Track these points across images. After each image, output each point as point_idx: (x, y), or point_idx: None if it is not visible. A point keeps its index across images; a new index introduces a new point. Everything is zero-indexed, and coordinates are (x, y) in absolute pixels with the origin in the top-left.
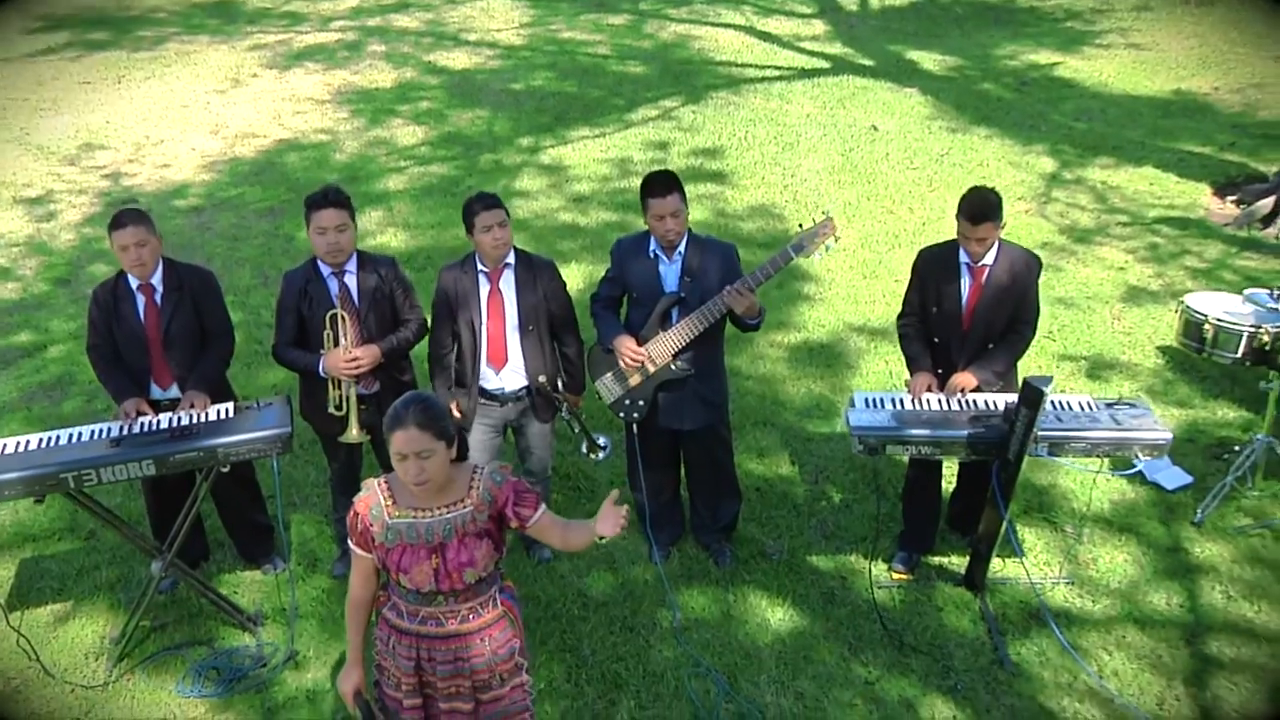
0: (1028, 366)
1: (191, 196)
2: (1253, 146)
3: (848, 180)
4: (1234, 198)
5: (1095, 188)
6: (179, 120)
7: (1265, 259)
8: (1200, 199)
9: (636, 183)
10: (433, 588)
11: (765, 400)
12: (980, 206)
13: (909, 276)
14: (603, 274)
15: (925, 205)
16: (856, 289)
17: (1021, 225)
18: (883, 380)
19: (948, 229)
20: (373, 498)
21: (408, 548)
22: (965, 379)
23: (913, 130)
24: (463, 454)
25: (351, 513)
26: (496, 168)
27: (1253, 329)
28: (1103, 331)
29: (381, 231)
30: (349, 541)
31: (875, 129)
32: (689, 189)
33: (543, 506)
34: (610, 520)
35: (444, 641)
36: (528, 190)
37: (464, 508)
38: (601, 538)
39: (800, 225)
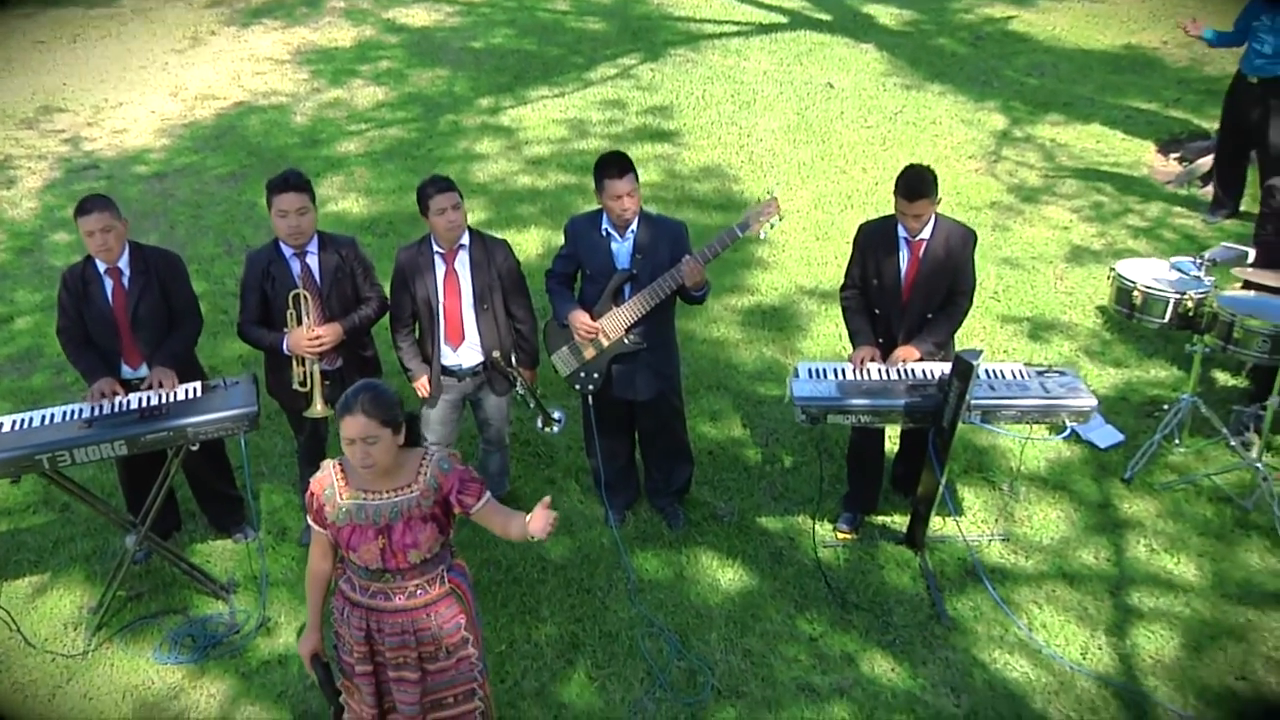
0: (973, 329)
1: (152, 162)
2: (1197, 103)
3: (802, 139)
4: (1176, 155)
5: (1044, 145)
6: (137, 81)
7: (1204, 217)
8: (1145, 156)
9: (593, 145)
10: (380, 566)
11: (718, 364)
12: (916, 184)
13: (850, 250)
14: (560, 241)
15: (878, 165)
16: (809, 251)
17: (971, 185)
18: (832, 343)
19: None
20: (327, 479)
21: (357, 527)
22: (908, 352)
23: (868, 87)
24: (415, 439)
25: (309, 493)
26: (455, 130)
27: (1178, 295)
28: (1046, 292)
29: (342, 197)
30: (308, 515)
31: (831, 86)
32: (645, 149)
33: (486, 495)
34: (540, 521)
35: (392, 615)
36: (486, 153)
37: (411, 492)
38: (533, 536)
39: (762, 196)
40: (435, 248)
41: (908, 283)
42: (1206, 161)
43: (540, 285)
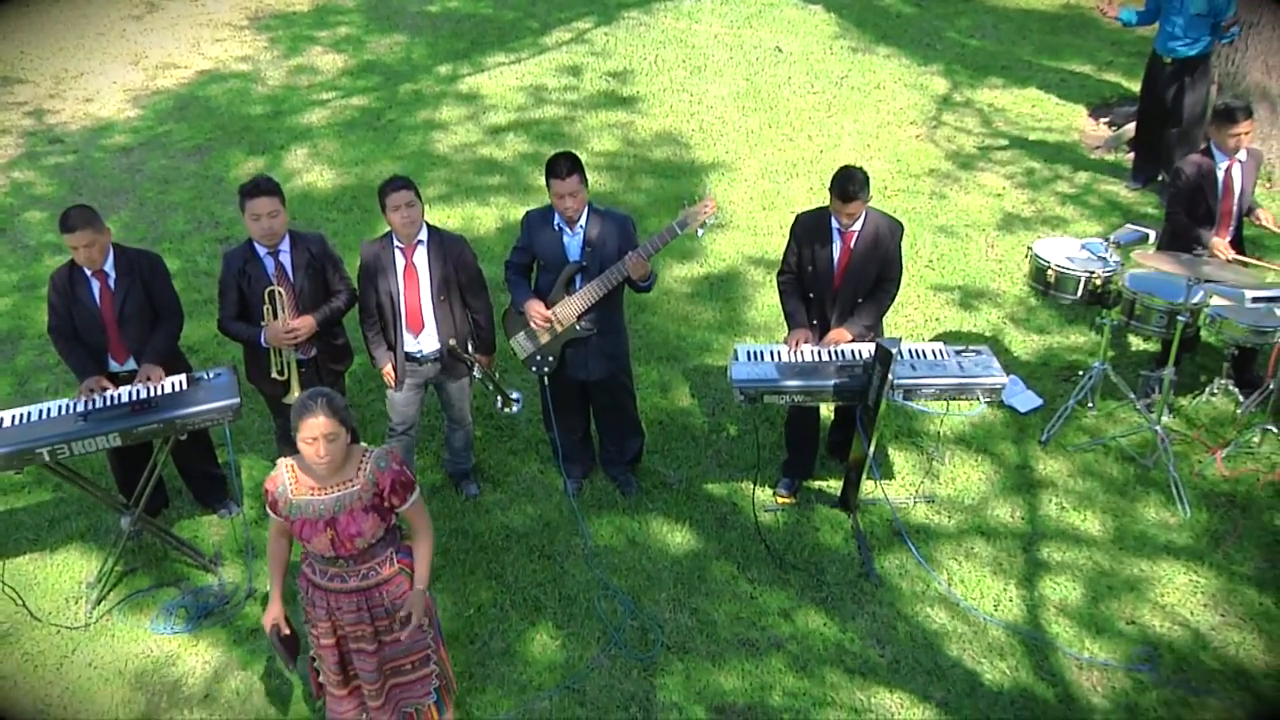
0: (907, 297)
1: (118, 135)
2: (1129, 65)
3: (751, 106)
4: (1106, 120)
5: (982, 110)
6: (96, 49)
7: (1127, 184)
8: (1076, 121)
9: (551, 113)
10: (331, 553)
11: (668, 335)
12: (850, 186)
13: (787, 239)
14: (517, 215)
15: (823, 132)
16: (755, 220)
17: (911, 152)
18: (775, 313)
19: (843, 157)
20: (280, 477)
21: (307, 521)
22: (840, 334)
23: (815, 51)
24: (355, 438)
25: (267, 484)
26: (416, 99)
27: (1088, 274)
28: (978, 260)
29: (307, 170)
30: (267, 507)
31: (779, 50)
32: (600, 117)
33: (413, 496)
34: (411, 604)
35: (348, 595)
36: (446, 122)
37: (352, 487)
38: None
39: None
40: (396, 242)
41: (840, 270)
42: (1132, 127)
43: (500, 258)
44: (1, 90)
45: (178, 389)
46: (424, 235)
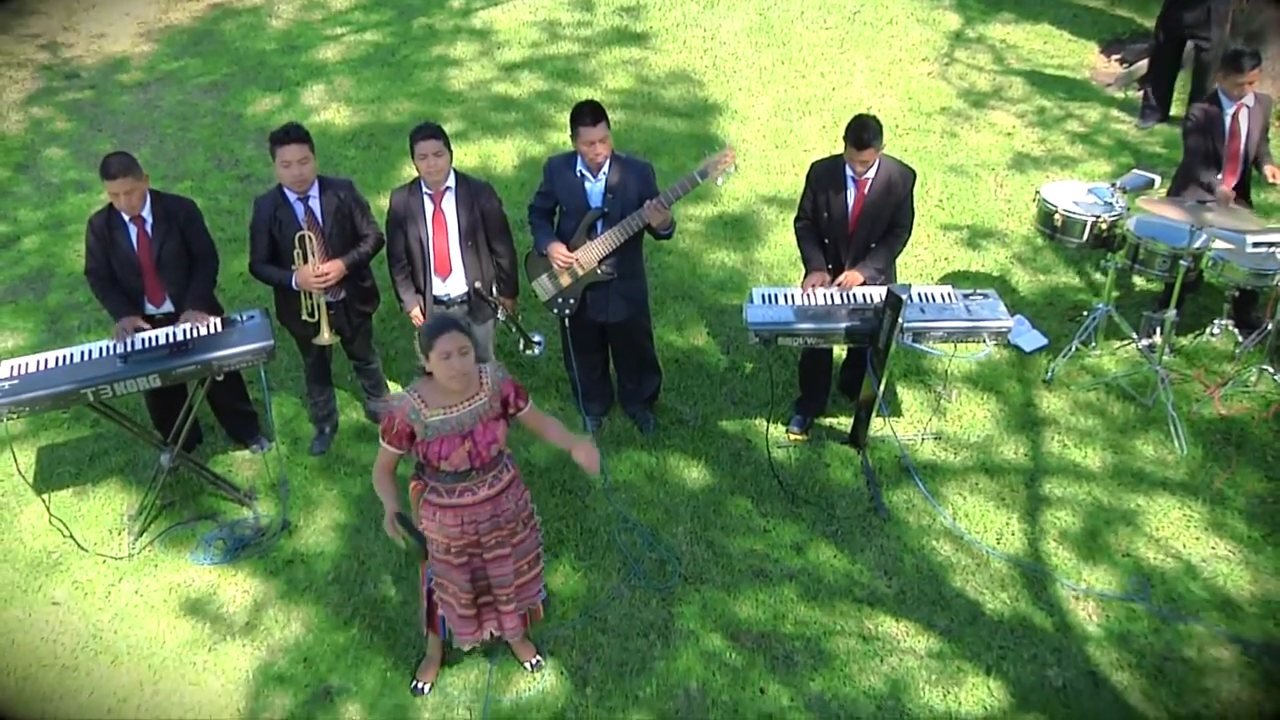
0: (918, 237)
1: (134, 71)
2: (1141, 1)
3: (764, 42)
4: (1118, 56)
5: (995, 47)
6: None
7: (1136, 123)
8: (1088, 58)
9: (565, 49)
10: (468, 466)
11: (684, 275)
12: (864, 134)
13: (804, 185)
14: (533, 151)
15: (835, 69)
16: (769, 159)
17: (923, 90)
18: (789, 251)
19: (855, 95)
20: (407, 405)
21: (445, 438)
22: (853, 277)
23: None
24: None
25: (388, 419)
26: (429, 34)
27: (1094, 219)
28: (987, 199)
29: (324, 108)
30: (382, 440)
31: None
32: (614, 54)
33: (530, 401)
34: (585, 453)
35: (481, 505)
36: (460, 58)
37: (481, 399)
38: (576, 458)
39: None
40: (424, 189)
41: (854, 216)
42: (1144, 64)
43: (518, 197)
44: (15, 23)
45: (213, 331)
46: (451, 182)
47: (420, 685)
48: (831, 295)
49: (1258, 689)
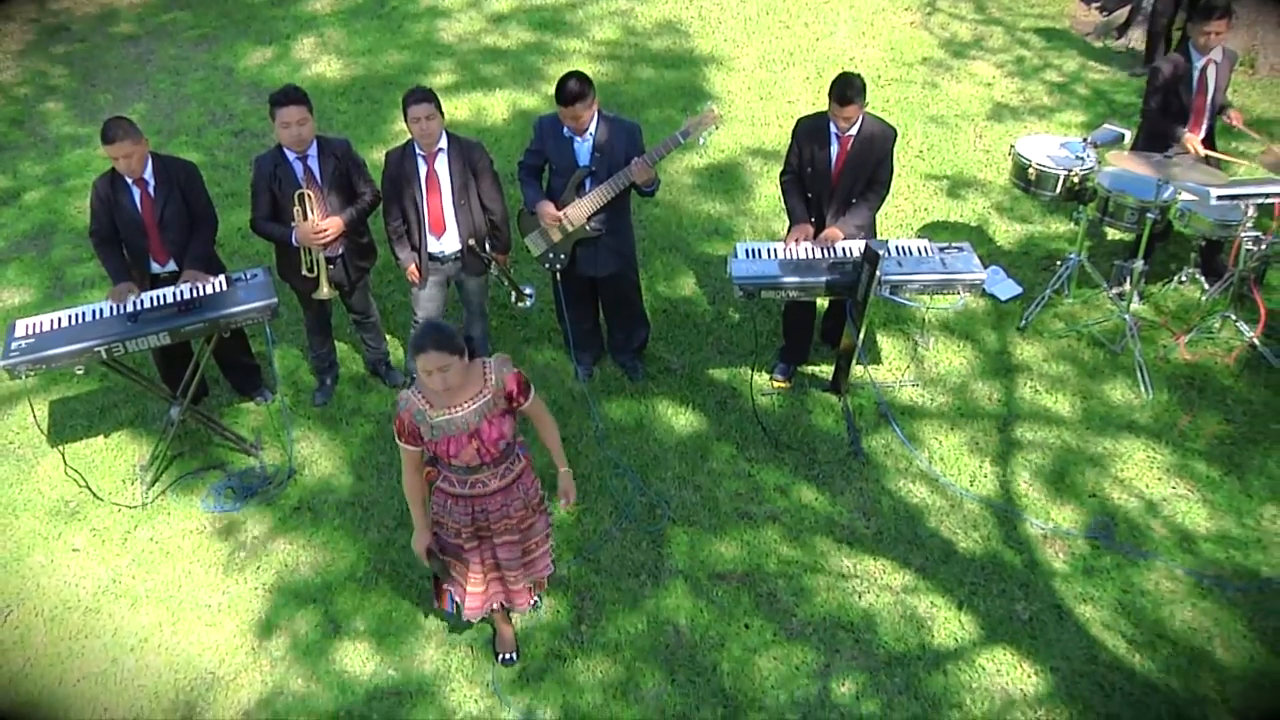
0: (899, 188)
1: (124, 23)
2: None
3: None
4: (1098, 5)
5: None
6: None
7: (1115, 72)
8: (1069, 7)
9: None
10: (477, 462)
11: (671, 226)
12: (848, 91)
13: (789, 141)
14: (524, 104)
15: (819, 19)
16: (753, 110)
17: (906, 40)
18: (773, 203)
19: (838, 46)
20: (412, 407)
21: (451, 439)
22: (835, 233)
23: None
24: (473, 353)
25: (398, 421)
26: None
27: (1066, 172)
28: (966, 149)
29: (316, 60)
30: (399, 440)
31: None
32: (601, 5)
33: (532, 392)
34: (564, 481)
35: (491, 497)
36: (450, 9)
37: (485, 396)
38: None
39: (694, 110)
40: (418, 151)
41: (836, 170)
42: (1123, 13)
43: (510, 149)
44: None
45: (220, 290)
46: (444, 143)
47: (507, 656)
48: (812, 250)
49: (1208, 617)
